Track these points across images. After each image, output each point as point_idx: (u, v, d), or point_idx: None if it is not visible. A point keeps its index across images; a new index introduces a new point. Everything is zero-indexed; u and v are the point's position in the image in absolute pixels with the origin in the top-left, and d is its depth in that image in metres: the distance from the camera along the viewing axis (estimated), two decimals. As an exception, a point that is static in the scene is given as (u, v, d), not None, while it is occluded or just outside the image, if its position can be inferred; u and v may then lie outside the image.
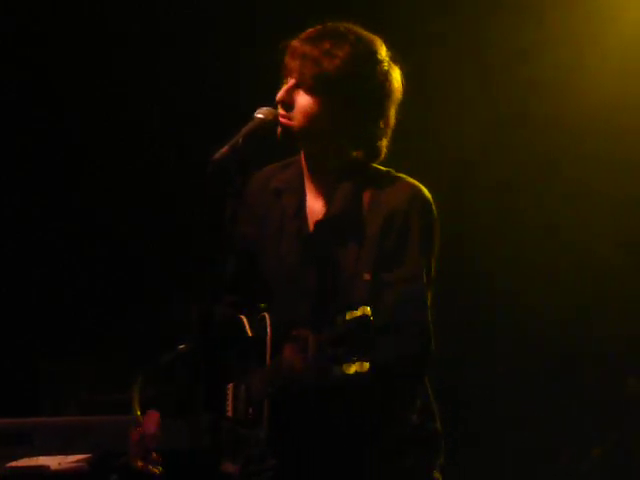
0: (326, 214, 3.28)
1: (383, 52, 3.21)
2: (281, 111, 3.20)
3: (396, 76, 3.23)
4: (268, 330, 3.18)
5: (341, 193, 3.26)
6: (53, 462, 3.67)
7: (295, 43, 3.20)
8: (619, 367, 5.54)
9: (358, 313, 2.83)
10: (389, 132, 3.25)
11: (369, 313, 2.82)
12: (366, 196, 3.24)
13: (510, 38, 5.46)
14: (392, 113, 3.24)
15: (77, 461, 3.66)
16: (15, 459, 3.57)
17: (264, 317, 3.23)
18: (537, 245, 5.65)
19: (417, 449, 3.25)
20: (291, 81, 3.20)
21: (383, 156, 3.29)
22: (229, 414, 3.31)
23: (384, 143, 3.26)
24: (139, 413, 3.91)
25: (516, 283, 5.60)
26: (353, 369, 2.80)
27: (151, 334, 5.45)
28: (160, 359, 3.93)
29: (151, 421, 3.42)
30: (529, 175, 5.67)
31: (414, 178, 3.29)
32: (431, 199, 3.24)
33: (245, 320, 3.38)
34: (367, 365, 2.80)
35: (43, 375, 5.36)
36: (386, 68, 3.19)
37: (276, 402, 3.13)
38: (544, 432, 5.58)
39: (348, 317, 2.84)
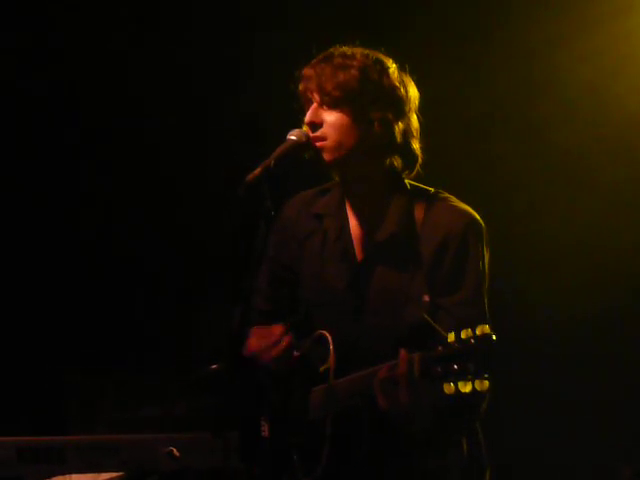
0: (380, 235, 3.29)
1: (391, 63, 3.30)
2: (312, 133, 3.25)
3: (411, 83, 3.32)
4: (331, 348, 3.18)
5: (393, 212, 3.28)
6: (85, 480, 3.69)
7: (307, 69, 3.29)
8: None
9: (478, 332, 2.78)
10: (416, 134, 3.31)
11: (489, 331, 2.78)
12: (418, 215, 3.28)
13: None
14: (414, 117, 3.31)
15: (109, 479, 3.67)
16: (48, 477, 3.58)
17: (323, 336, 3.22)
18: (562, 259, 5.63)
19: (464, 474, 3.28)
20: (314, 102, 3.26)
21: (420, 160, 3.33)
22: (266, 434, 3.33)
23: (416, 145, 3.31)
24: None
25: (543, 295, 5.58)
26: (469, 387, 2.77)
27: (182, 350, 5.48)
28: (193, 377, 3.96)
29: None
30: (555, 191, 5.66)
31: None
32: (483, 225, 3.29)
33: None
34: (487, 383, 2.76)
35: (72, 392, 5.37)
36: (397, 75, 3.28)
37: (337, 421, 3.14)
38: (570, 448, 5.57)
39: (464, 336, 2.80)
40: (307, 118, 3.27)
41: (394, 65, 3.30)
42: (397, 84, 3.27)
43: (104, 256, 5.94)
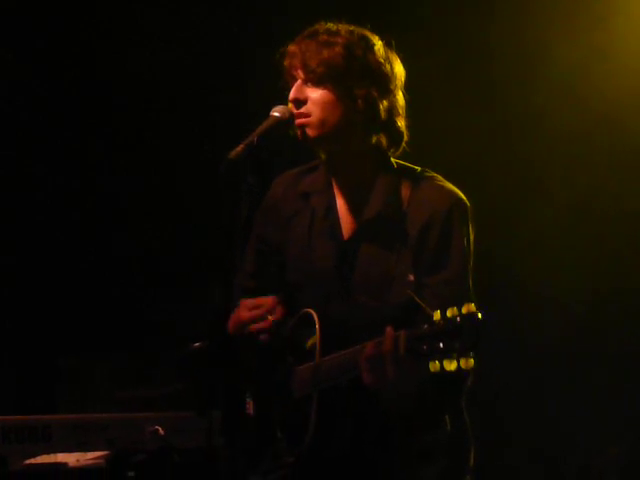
0: (367, 213, 3.28)
1: (377, 40, 3.27)
2: (296, 110, 3.23)
3: (397, 60, 3.29)
4: (317, 326, 3.17)
5: (380, 191, 3.27)
6: (71, 459, 3.69)
7: (292, 46, 3.27)
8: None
9: (463, 310, 2.77)
10: (402, 112, 3.29)
11: (474, 310, 2.77)
12: (404, 194, 3.26)
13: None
14: (399, 95, 3.29)
15: (95, 458, 3.67)
16: (33, 456, 3.59)
17: (309, 314, 3.21)
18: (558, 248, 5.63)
19: (448, 453, 3.26)
20: (299, 79, 3.24)
21: (405, 138, 3.30)
22: (250, 413, 3.32)
23: (402, 123, 3.28)
24: None
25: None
26: (454, 365, 2.76)
27: (169, 331, 5.48)
28: (177, 355, 3.95)
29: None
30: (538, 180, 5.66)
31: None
32: (469, 204, 3.27)
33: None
34: (472, 361, 2.75)
35: (61, 372, 5.37)
36: (383, 52, 3.25)
37: (323, 399, 3.12)
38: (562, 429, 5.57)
39: (449, 314, 2.80)
40: (291, 95, 3.24)
41: (380, 42, 3.27)
42: (382, 61, 3.24)
43: (94, 237, 5.95)
